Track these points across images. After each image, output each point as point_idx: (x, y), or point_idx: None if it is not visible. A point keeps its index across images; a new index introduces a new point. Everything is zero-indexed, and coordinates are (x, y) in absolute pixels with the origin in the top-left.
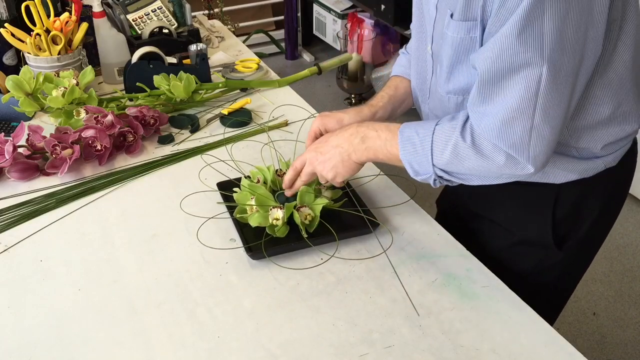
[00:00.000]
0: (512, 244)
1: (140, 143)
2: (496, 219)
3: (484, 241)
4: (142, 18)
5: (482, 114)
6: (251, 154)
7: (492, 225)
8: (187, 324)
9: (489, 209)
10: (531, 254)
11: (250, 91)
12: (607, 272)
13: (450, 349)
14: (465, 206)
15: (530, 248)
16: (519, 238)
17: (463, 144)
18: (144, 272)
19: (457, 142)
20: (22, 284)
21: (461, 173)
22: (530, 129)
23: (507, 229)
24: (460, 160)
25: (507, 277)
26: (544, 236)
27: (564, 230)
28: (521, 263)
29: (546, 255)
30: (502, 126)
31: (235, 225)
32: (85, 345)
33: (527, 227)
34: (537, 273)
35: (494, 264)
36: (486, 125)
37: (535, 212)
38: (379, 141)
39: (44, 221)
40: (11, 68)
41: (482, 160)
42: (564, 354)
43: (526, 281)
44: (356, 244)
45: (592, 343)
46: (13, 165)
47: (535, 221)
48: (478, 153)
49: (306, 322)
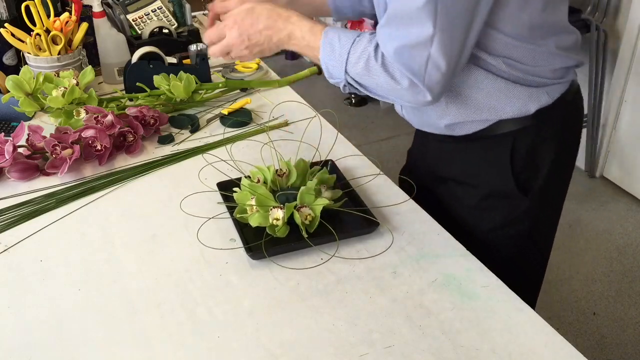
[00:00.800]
0: (479, 200)
1: (140, 143)
2: (459, 178)
3: (453, 203)
4: (142, 18)
5: (388, 36)
6: (251, 154)
7: (457, 185)
8: (187, 324)
9: (451, 169)
10: (499, 206)
11: (250, 91)
12: (607, 272)
13: (450, 349)
14: (428, 172)
15: (497, 200)
16: (484, 192)
17: (374, 61)
18: (144, 272)
19: (369, 58)
20: (22, 284)
21: (369, 87)
22: (427, 58)
23: (472, 185)
24: (370, 75)
25: (480, 235)
26: (507, 184)
27: (525, 176)
28: (491, 217)
29: (513, 204)
30: (403, 52)
31: (235, 225)
32: (85, 345)
33: (490, 180)
34: (507, 225)
35: (466, 225)
36: (390, 48)
37: (494, 164)
38: (303, 42)
39: (44, 221)
40: (11, 68)
41: (388, 80)
42: (564, 354)
43: (498, 234)
44: (356, 244)
45: (592, 343)
46: (13, 165)
47: (496, 173)
48: (386, 72)
49: (306, 322)
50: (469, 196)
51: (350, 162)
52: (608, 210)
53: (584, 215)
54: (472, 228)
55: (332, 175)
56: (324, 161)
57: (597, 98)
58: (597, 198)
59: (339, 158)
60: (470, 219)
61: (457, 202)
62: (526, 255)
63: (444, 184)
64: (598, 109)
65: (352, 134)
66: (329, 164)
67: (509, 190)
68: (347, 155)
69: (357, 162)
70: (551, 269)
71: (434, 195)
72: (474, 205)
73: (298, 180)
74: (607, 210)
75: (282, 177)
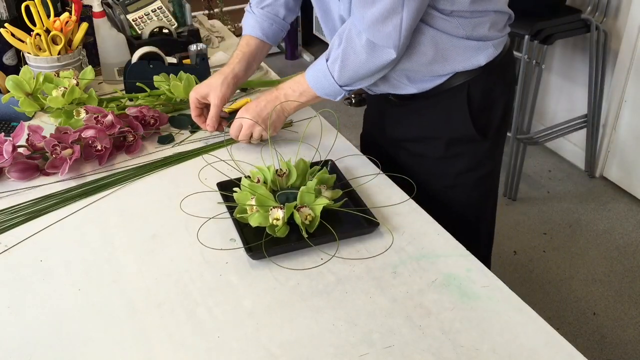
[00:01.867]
0: (444, 150)
1: (140, 143)
2: (422, 135)
3: (417, 161)
4: (142, 18)
5: (362, 16)
6: (251, 154)
7: (420, 143)
8: (187, 324)
9: (411, 129)
10: (463, 152)
11: (250, 91)
12: (607, 272)
13: (450, 349)
14: (390, 140)
15: (460, 147)
16: (447, 141)
17: (343, 53)
18: (144, 272)
19: (338, 55)
20: (22, 284)
21: (353, 78)
22: (400, 23)
23: (435, 137)
24: (345, 67)
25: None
26: (468, 130)
27: (483, 120)
28: (457, 164)
29: (475, 148)
30: (377, 23)
31: (236, 225)
32: (85, 345)
33: (451, 129)
34: (472, 169)
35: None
36: (366, 23)
37: (454, 112)
38: (296, 93)
39: (44, 221)
40: (11, 68)
41: (357, 56)
42: (564, 354)
43: (464, 178)
44: (356, 244)
45: (592, 343)
46: (13, 165)
47: (456, 121)
48: (355, 53)
49: (306, 322)
50: (433, 149)
51: (350, 162)
52: (608, 210)
53: (584, 215)
54: (439, 177)
55: (332, 175)
56: (324, 161)
57: (597, 98)
58: (597, 198)
59: (339, 158)
60: (437, 170)
61: (422, 159)
62: (485, 198)
63: (405, 148)
64: (598, 109)
65: (352, 134)
66: (329, 164)
67: (470, 135)
68: (347, 155)
69: (357, 162)
70: (551, 269)
71: (396, 162)
72: (439, 156)
73: (298, 180)
74: (607, 210)
75: (282, 177)
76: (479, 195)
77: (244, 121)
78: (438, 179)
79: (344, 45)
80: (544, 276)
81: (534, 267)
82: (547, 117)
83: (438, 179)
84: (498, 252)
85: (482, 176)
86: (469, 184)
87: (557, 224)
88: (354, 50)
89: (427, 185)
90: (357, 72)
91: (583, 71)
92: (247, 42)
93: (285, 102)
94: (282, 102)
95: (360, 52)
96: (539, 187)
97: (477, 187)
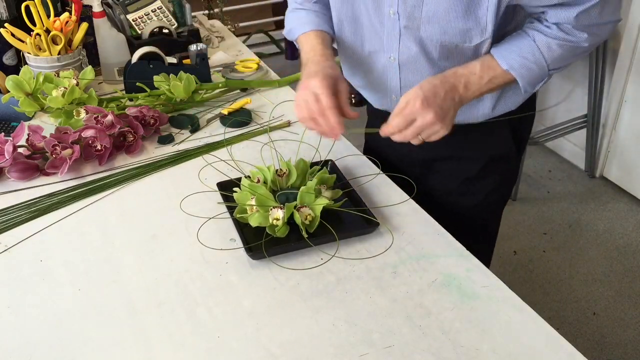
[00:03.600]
0: (480, 168)
1: (140, 143)
2: (457, 154)
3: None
4: (142, 18)
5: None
6: (251, 153)
7: (452, 162)
8: (187, 324)
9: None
10: (497, 169)
11: (250, 91)
12: (607, 272)
13: (450, 349)
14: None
15: (495, 164)
16: (486, 160)
17: (553, 39)
18: (143, 272)
19: (550, 41)
20: (22, 284)
21: (559, 61)
22: (601, 10)
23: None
24: (552, 52)
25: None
26: (510, 148)
27: (521, 136)
28: (490, 181)
29: (509, 164)
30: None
31: (236, 225)
32: (85, 345)
33: (492, 147)
34: (503, 184)
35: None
36: (566, 15)
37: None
38: (483, 80)
39: (44, 221)
40: (11, 68)
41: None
42: (564, 354)
43: (494, 196)
44: (356, 244)
45: (592, 343)
46: (13, 165)
47: (499, 140)
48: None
49: (306, 322)
50: (467, 169)
51: (350, 162)
52: (608, 210)
53: (584, 215)
54: (467, 198)
55: (332, 175)
56: (324, 161)
57: (597, 98)
58: (597, 198)
59: (339, 158)
60: (465, 189)
61: (452, 177)
62: (500, 204)
63: (429, 167)
64: (598, 109)
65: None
66: (329, 164)
67: (510, 153)
68: (347, 155)
69: (357, 162)
70: (551, 268)
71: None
72: (474, 175)
73: (298, 180)
74: (607, 210)
75: (282, 177)
76: (495, 201)
77: (423, 115)
78: (468, 198)
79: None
80: (544, 276)
81: (534, 267)
82: (547, 117)
83: (468, 198)
84: (498, 252)
85: (507, 192)
86: (495, 201)
87: (557, 224)
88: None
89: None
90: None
91: (583, 71)
92: (323, 39)
93: (465, 93)
94: (460, 92)
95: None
96: (539, 187)
97: (499, 202)
